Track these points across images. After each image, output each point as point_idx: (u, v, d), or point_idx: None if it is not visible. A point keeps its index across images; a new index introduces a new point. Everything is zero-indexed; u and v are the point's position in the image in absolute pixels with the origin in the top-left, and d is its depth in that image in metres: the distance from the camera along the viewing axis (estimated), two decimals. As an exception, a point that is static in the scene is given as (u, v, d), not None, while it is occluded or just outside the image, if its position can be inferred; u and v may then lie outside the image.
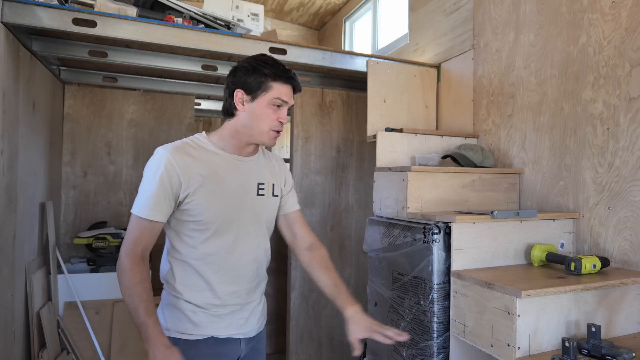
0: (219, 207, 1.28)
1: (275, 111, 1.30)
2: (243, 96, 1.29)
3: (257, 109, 1.29)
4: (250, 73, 1.28)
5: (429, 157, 2.11)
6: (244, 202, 1.34)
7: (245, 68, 1.29)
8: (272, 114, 1.30)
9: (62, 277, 2.65)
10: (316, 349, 2.83)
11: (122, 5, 2.20)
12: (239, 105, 1.29)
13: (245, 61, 1.32)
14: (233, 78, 1.31)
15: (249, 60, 1.32)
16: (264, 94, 1.28)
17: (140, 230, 1.22)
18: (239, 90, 1.29)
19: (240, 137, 1.32)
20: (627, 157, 1.61)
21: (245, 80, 1.28)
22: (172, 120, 3.49)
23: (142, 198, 1.23)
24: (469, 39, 2.44)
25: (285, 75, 1.30)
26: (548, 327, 1.35)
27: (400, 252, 1.82)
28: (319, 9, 4.56)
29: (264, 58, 1.33)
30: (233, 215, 1.31)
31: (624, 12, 1.65)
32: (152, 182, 1.23)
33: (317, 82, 2.88)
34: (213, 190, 1.27)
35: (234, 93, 1.29)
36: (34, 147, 2.41)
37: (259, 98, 1.28)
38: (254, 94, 1.28)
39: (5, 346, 1.99)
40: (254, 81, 1.28)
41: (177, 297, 1.29)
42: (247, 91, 1.29)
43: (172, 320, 1.29)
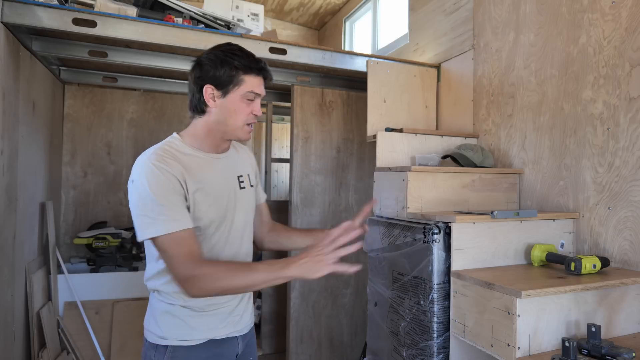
0: (211, 209, 1.22)
1: (248, 105, 1.23)
2: (213, 92, 1.20)
3: (229, 105, 1.21)
4: (219, 66, 1.19)
5: (429, 157, 2.11)
6: (231, 199, 1.28)
7: (213, 61, 1.19)
8: (245, 108, 1.23)
9: (62, 277, 2.65)
10: (316, 349, 2.83)
11: (122, 5, 2.20)
12: (210, 101, 1.21)
13: (211, 53, 1.23)
14: (200, 72, 1.21)
15: (216, 52, 1.22)
16: (236, 88, 1.20)
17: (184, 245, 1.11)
18: (208, 86, 1.20)
19: (215, 134, 1.25)
20: (627, 157, 1.61)
21: (214, 75, 1.19)
22: (172, 120, 3.49)
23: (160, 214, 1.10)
24: (469, 39, 2.44)
25: (257, 67, 1.23)
26: (548, 327, 1.35)
27: (400, 252, 1.82)
28: (319, 9, 4.56)
29: (231, 48, 1.25)
30: (224, 215, 1.26)
31: (624, 12, 1.65)
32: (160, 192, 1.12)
33: (317, 82, 2.88)
34: (205, 194, 1.21)
35: (203, 89, 1.20)
36: (34, 147, 2.41)
37: (231, 93, 1.20)
38: (225, 89, 1.20)
39: (5, 346, 1.99)
40: (225, 75, 1.19)
41: (172, 304, 1.23)
42: (218, 86, 1.20)
43: (168, 328, 1.23)
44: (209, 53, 1.23)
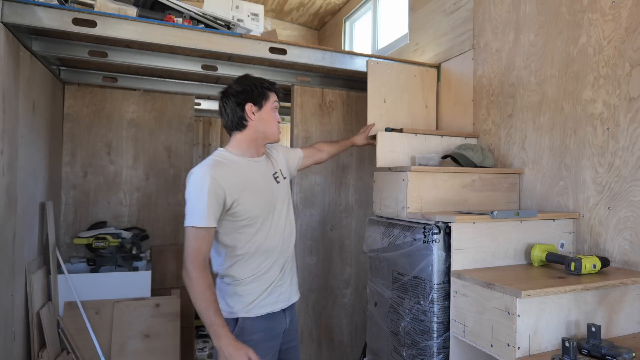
0: (258, 203, 1.59)
1: (275, 113, 1.67)
2: (252, 107, 1.61)
3: (265, 116, 1.64)
4: (252, 89, 1.63)
5: (429, 157, 2.11)
6: (272, 192, 1.66)
7: (245, 89, 1.62)
8: (274, 116, 1.67)
9: (62, 277, 2.65)
10: (316, 349, 2.83)
11: (122, 5, 2.20)
12: (250, 115, 1.61)
13: (239, 83, 1.65)
14: (238, 97, 1.61)
15: (244, 81, 1.66)
16: (266, 102, 1.64)
17: (200, 240, 1.46)
18: (248, 104, 1.61)
19: (257, 142, 1.66)
20: (627, 157, 1.61)
21: (251, 95, 1.62)
22: (172, 120, 3.49)
23: (196, 210, 1.46)
24: (469, 39, 2.44)
25: (272, 85, 1.68)
26: (548, 327, 1.35)
27: (400, 252, 1.82)
28: (319, 9, 4.56)
29: (250, 76, 1.69)
30: (269, 206, 1.63)
31: (624, 12, 1.65)
32: (201, 195, 1.46)
33: (317, 82, 2.88)
34: (251, 192, 1.57)
35: (245, 108, 1.60)
36: (34, 147, 2.41)
37: (264, 106, 1.64)
38: (259, 104, 1.63)
39: (5, 346, 1.99)
40: (258, 94, 1.63)
41: (239, 285, 1.59)
42: (255, 103, 1.62)
43: (237, 305, 1.58)
44: (238, 85, 1.65)
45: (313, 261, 2.83)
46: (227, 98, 1.64)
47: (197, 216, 1.45)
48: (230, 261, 1.58)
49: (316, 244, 2.84)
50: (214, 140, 5.01)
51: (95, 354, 2.57)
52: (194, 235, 1.45)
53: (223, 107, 1.65)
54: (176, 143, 3.51)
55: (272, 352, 1.68)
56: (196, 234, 1.45)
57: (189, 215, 1.47)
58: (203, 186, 1.47)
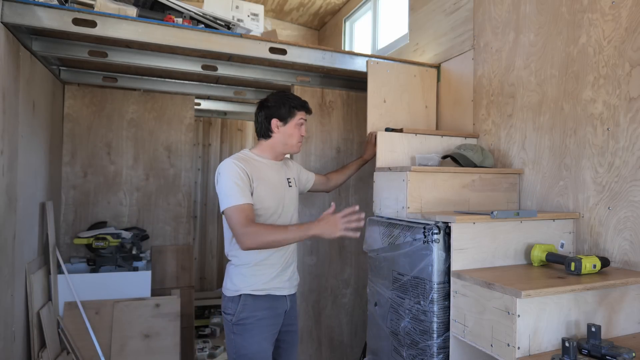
0: (272, 195, 1.84)
1: (299, 129, 1.92)
2: (277, 123, 1.88)
3: (288, 130, 1.90)
4: (280, 106, 1.88)
5: (429, 157, 2.11)
6: (283, 191, 1.91)
7: (277, 102, 1.88)
8: (297, 132, 1.92)
9: (62, 277, 2.65)
10: (316, 349, 2.83)
11: (122, 5, 2.20)
12: (275, 129, 1.88)
13: (272, 99, 1.90)
14: (268, 111, 1.88)
15: (276, 98, 1.91)
16: (292, 119, 1.90)
17: (244, 212, 1.68)
18: (274, 119, 1.88)
19: (277, 150, 1.93)
20: (627, 157, 1.61)
21: (278, 112, 1.88)
22: (172, 120, 3.49)
23: (233, 193, 1.70)
24: (469, 39, 2.44)
25: (303, 105, 1.93)
26: (548, 327, 1.35)
27: (400, 252, 1.82)
28: (319, 9, 4.56)
29: (287, 94, 1.94)
30: (279, 202, 1.87)
31: (624, 12, 1.65)
32: (234, 180, 1.72)
33: (317, 82, 2.88)
34: (266, 185, 1.82)
35: (271, 121, 1.87)
36: (34, 147, 2.42)
37: (289, 122, 1.89)
38: (285, 120, 1.89)
39: (5, 346, 1.99)
40: (285, 112, 1.88)
41: (247, 267, 1.81)
42: (280, 119, 1.88)
43: (243, 283, 1.81)
44: (272, 99, 1.91)
45: (313, 261, 2.82)
46: (260, 109, 1.91)
47: (234, 197, 1.69)
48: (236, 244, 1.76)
49: (316, 244, 2.84)
50: (214, 140, 5.01)
51: (95, 354, 2.57)
52: (236, 210, 1.67)
53: (256, 116, 1.93)
54: (176, 143, 3.51)
55: (274, 330, 1.87)
56: (237, 209, 1.67)
57: (227, 198, 1.69)
58: (233, 173, 1.73)
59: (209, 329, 4.24)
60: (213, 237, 4.93)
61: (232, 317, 1.81)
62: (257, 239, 1.63)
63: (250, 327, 1.80)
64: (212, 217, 4.91)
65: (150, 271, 2.90)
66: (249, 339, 1.80)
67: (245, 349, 1.79)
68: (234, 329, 1.81)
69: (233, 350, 1.82)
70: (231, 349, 1.83)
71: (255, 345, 1.79)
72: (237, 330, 1.81)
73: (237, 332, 1.80)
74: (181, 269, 3.42)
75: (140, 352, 2.69)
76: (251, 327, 1.80)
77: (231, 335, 1.82)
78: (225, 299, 1.86)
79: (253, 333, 1.80)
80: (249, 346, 1.79)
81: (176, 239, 3.47)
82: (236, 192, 1.70)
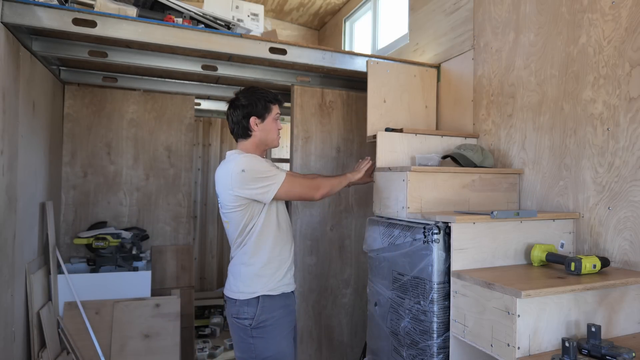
0: None
1: (276, 123, 1.93)
2: (256, 120, 1.87)
3: (267, 126, 1.89)
4: (256, 103, 1.86)
5: (429, 157, 2.11)
6: None
7: (251, 103, 1.86)
8: (275, 126, 1.92)
9: (62, 277, 2.65)
10: (316, 349, 2.83)
11: (122, 5, 2.20)
12: (254, 126, 1.87)
13: (244, 96, 1.87)
14: (244, 110, 1.86)
15: (248, 95, 1.88)
16: (269, 114, 1.89)
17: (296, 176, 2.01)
18: (252, 117, 1.86)
19: (260, 147, 1.92)
20: (627, 157, 1.61)
21: (255, 109, 1.86)
22: (172, 120, 3.49)
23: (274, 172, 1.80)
24: (469, 39, 2.44)
25: (276, 97, 1.93)
26: (548, 327, 1.35)
27: (400, 252, 1.82)
28: (319, 9, 4.56)
29: (257, 89, 1.90)
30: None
31: (624, 12, 1.65)
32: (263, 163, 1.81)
33: (317, 82, 2.88)
34: None
35: (250, 121, 1.86)
36: (34, 147, 2.41)
37: (267, 118, 1.89)
38: (262, 117, 1.88)
39: (5, 346, 1.99)
40: (261, 108, 1.87)
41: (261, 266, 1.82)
42: (258, 116, 1.87)
43: (259, 284, 1.81)
44: (244, 98, 1.87)
45: (313, 261, 2.82)
46: (233, 109, 1.88)
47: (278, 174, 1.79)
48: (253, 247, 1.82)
49: (316, 244, 2.84)
50: (214, 140, 5.01)
51: (95, 354, 2.57)
52: (289, 179, 1.80)
53: (230, 116, 1.90)
54: (176, 143, 3.51)
55: (291, 326, 1.92)
56: (289, 178, 1.80)
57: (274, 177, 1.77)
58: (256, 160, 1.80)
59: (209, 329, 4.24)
60: (213, 237, 4.92)
61: (251, 321, 1.78)
62: (327, 184, 1.90)
63: (271, 328, 1.79)
64: (212, 217, 4.91)
65: (150, 271, 2.90)
66: (270, 340, 1.79)
67: (267, 350, 1.78)
68: (252, 332, 1.79)
69: (252, 355, 1.79)
70: (249, 354, 1.80)
71: (276, 346, 1.80)
72: (256, 333, 1.79)
73: (257, 335, 1.79)
74: (181, 269, 3.42)
75: (140, 352, 2.69)
76: (271, 328, 1.79)
77: (249, 340, 1.79)
78: (238, 303, 1.81)
79: (274, 334, 1.79)
80: (271, 347, 1.79)
81: (176, 239, 3.47)
82: (274, 169, 1.81)
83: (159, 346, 2.73)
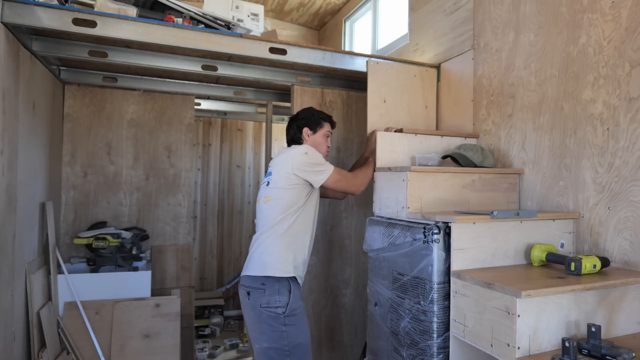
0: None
1: (326, 140, 2.21)
2: (308, 131, 2.16)
3: (317, 139, 2.17)
4: (310, 117, 2.18)
5: (429, 157, 2.11)
6: None
7: (306, 115, 2.19)
8: (325, 142, 2.20)
9: (62, 277, 2.65)
10: (316, 349, 2.83)
11: (122, 5, 2.20)
12: (306, 137, 2.15)
13: (302, 113, 2.21)
14: (299, 122, 2.17)
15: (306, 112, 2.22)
16: (320, 129, 2.18)
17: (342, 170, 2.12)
18: (305, 128, 2.16)
19: None
20: (627, 157, 1.61)
21: (308, 122, 2.17)
22: (172, 120, 3.49)
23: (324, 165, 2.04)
24: (469, 39, 2.44)
25: (329, 117, 2.24)
26: (548, 327, 1.35)
27: (400, 252, 1.82)
28: (319, 9, 4.56)
29: (315, 110, 2.24)
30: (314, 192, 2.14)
31: (624, 12, 1.65)
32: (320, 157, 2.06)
33: (317, 82, 2.88)
34: None
35: (302, 130, 2.15)
36: (34, 147, 2.42)
37: (317, 132, 2.18)
38: (314, 130, 2.17)
39: (5, 346, 1.99)
40: (314, 122, 2.17)
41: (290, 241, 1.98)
42: (310, 128, 2.16)
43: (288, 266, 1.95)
44: (302, 112, 2.23)
45: (313, 261, 2.82)
46: (292, 122, 2.19)
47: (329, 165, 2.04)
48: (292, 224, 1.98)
49: (316, 244, 2.84)
50: (214, 140, 5.01)
51: (95, 354, 2.57)
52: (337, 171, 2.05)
53: (288, 130, 2.20)
54: (176, 143, 3.51)
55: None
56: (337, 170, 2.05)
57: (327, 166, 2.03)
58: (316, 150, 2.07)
59: (209, 329, 4.24)
60: (213, 237, 4.92)
61: (284, 308, 1.88)
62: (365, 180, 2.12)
63: (301, 316, 1.93)
64: (212, 217, 4.91)
65: (150, 271, 2.90)
66: (302, 327, 1.92)
67: (299, 337, 1.89)
68: (285, 320, 1.88)
69: (285, 342, 1.87)
70: (282, 342, 1.87)
71: (307, 331, 1.94)
72: (289, 321, 1.88)
73: (290, 322, 1.88)
74: (181, 269, 3.42)
75: (140, 352, 2.69)
76: (301, 316, 1.93)
77: (282, 328, 1.87)
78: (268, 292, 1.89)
79: (304, 321, 1.94)
80: (303, 333, 1.91)
81: (176, 239, 3.47)
82: (325, 164, 2.04)
83: (159, 346, 2.73)
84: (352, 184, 2.10)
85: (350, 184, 2.09)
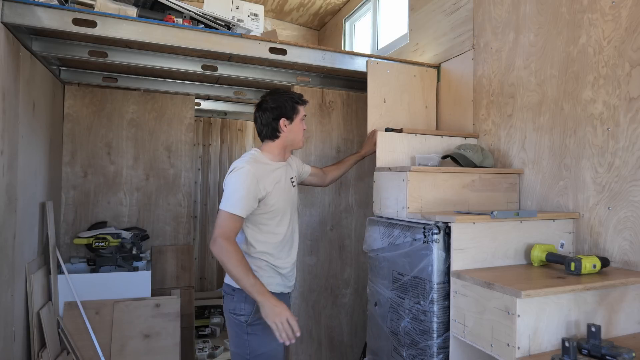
0: (282, 198, 1.89)
1: (302, 124, 1.97)
2: (285, 122, 1.91)
3: (294, 127, 1.94)
4: (284, 105, 1.91)
5: (429, 157, 2.11)
6: (290, 192, 1.96)
7: (280, 105, 1.90)
8: (302, 127, 1.97)
9: (62, 277, 2.65)
10: (316, 349, 2.83)
11: (122, 5, 2.20)
12: (283, 128, 1.91)
13: (272, 99, 1.92)
14: (274, 112, 1.90)
15: (276, 97, 1.93)
16: (296, 115, 1.94)
17: (233, 223, 1.72)
18: (282, 119, 1.90)
19: (286, 149, 1.97)
20: (627, 157, 1.61)
21: (284, 111, 1.91)
22: (172, 120, 3.49)
23: (234, 199, 1.73)
24: (469, 39, 2.44)
25: (301, 98, 1.98)
26: (548, 327, 1.35)
27: (400, 252, 1.82)
28: (319, 9, 4.56)
29: (284, 92, 1.96)
30: (288, 203, 1.94)
31: (624, 12, 1.65)
32: (241, 189, 1.73)
33: (317, 82, 2.88)
34: (278, 189, 1.87)
35: (279, 122, 1.90)
36: (34, 147, 2.42)
37: (294, 119, 1.93)
38: (291, 119, 1.93)
39: (5, 346, 1.99)
40: (290, 109, 1.92)
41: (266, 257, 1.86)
42: (287, 117, 1.92)
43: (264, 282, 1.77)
44: (273, 100, 1.92)
45: (313, 261, 2.82)
46: (262, 111, 1.92)
47: (233, 204, 1.72)
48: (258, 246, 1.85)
49: (316, 244, 2.84)
50: (214, 140, 5.01)
51: (95, 354, 2.57)
52: (227, 217, 1.71)
53: (259, 118, 1.94)
54: (176, 143, 3.51)
55: None
56: (229, 218, 1.71)
57: (227, 200, 1.73)
58: (244, 181, 1.74)
59: (209, 329, 4.24)
60: (213, 237, 4.93)
61: (247, 317, 1.81)
62: (224, 256, 1.67)
63: (265, 326, 1.74)
64: (212, 217, 4.91)
65: (150, 271, 2.90)
66: (264, 338, 1.80)
67: (262, 347, 1.81)
68: (248, 329, 1.81)
69: (246, 350, 1.82)
70: (244, 349, 1.83)
71: (272, 342, 1.78)
72: (252, 330, 1.81)
73: (252, 332, 1.81)
74: (181, 269, 3.42)
75: (140, 352, 2.69)
76: (266, 326, 1.74)
77: (244, 336, 1.82)
78: (236, 299, 1.82)
79: (268, 332, 1.74)
80: (266, 344, 1.81)
81: (176, 239, 3.47)
82: (239, 199, 1.73)
83: (159, 346, 2.73)
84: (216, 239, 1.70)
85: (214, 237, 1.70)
